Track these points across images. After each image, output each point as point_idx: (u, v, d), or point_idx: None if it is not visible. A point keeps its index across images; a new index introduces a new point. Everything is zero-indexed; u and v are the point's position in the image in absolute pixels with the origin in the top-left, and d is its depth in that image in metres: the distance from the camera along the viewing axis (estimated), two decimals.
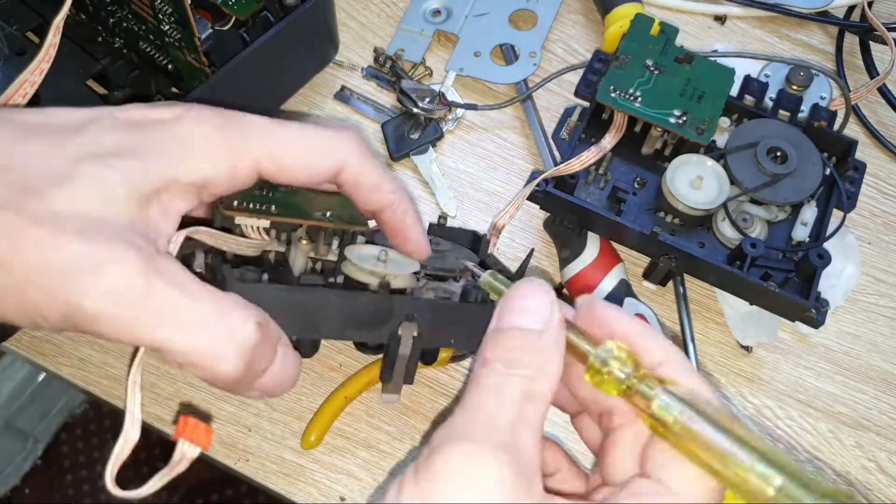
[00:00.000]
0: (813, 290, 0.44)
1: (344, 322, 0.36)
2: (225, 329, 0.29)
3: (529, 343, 0.28)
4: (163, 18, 0.46)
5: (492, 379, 0.27)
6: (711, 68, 0.48)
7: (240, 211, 0.35)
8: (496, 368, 0.27)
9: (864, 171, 0.49)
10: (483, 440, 0.25)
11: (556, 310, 0.29)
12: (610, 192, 0.48)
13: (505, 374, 0.27)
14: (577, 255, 0.49)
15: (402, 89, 0.54)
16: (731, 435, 0.26)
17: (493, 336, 0.29)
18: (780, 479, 0.25)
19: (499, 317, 0.29)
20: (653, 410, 0.27)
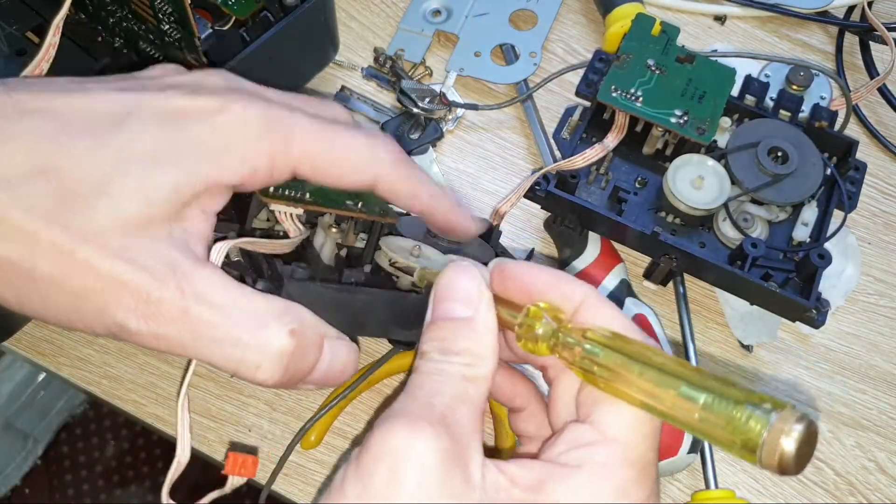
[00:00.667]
0: (813, 291, 0.44)
1: (388, 321, 0.36)
2: (258, 342, 0.30)
3: (462, 332, 0.29)
4: (163, 18, 0.46)
5: (430, 365, 0.29)
6: (712, 68, 0.48)
7: (276, 198, 0.36)
8: (433, 357, 0.29)
9: (864, 172, 0.49)
10: (419, 416, 0.26)
11: (484, 292, 0.30)
12: (611, 191, 0.48)
13: (440, 362, 0.29)
14: (578, 254, 0.49)
15: (402, 89, 0.54)
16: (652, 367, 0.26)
17: (428, 328, 0.30)
18: (704, 396, 0.25)
19: (432, 308, 0.30)
20: (577, 361, 0.28)
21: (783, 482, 0.47)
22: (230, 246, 0.32)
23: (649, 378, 0.26)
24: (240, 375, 0.30)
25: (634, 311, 0.48)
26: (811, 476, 0.47)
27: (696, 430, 0.25)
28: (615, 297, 0.48)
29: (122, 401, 0.48)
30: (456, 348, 0.29)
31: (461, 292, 0.30)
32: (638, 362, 0.27)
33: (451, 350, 0.29)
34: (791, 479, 0.47)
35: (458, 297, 0.30)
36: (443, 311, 0.30)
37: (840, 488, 0.47)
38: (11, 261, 0.29)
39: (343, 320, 0.33)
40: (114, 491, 1.16)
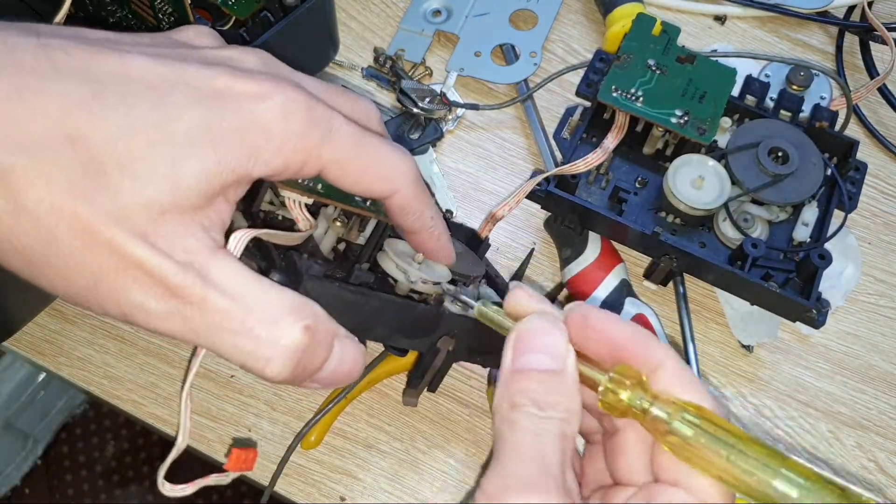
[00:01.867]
0: (814, 291, 0.44)
1: (394, 328, 0.37)
2: (272, 335, 0.29)
3: (554, 385, 0.29)
4: (163, 18, 0.46)
5: (530, 422, 0.28)
6: (713, 68, 0.48)
7: (290, 186, 0.35)
8: (531, 412, 0.28)
9: (865, 172, 0.49)
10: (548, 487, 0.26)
11: (570, 347, 0.29)
12: (611, 191, 0.48)
13: (540, 418, 0.28)
14: (578, 254, 0.49)
15: (402, 89, 0.54)
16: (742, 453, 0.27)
17: (515, 377, 0.29)
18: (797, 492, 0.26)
19: (514, 356, 0.30)
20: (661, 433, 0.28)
21: None
22: (250, 237, 0.32)
23: (740, 464, 0.27)
24: (248, 368, 0.30)
25: (634, 312, 0.48)
26: None
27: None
28: (615, 296, 0.48)
29: (122, 401, 0.48)
30: (551, 402, 0.28)
31: (549, 343, 0.30)
32: (728, 446, 0.27)
33: (547, 404, 0.28)
34: None
35: (546, 349, 0.29)
36: (529, 361, 0.29)
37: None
38: (30, 233, 0.27)
39: (352, 322, 0.33)
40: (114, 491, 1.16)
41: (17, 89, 0.27)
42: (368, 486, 0.46)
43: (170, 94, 0.29)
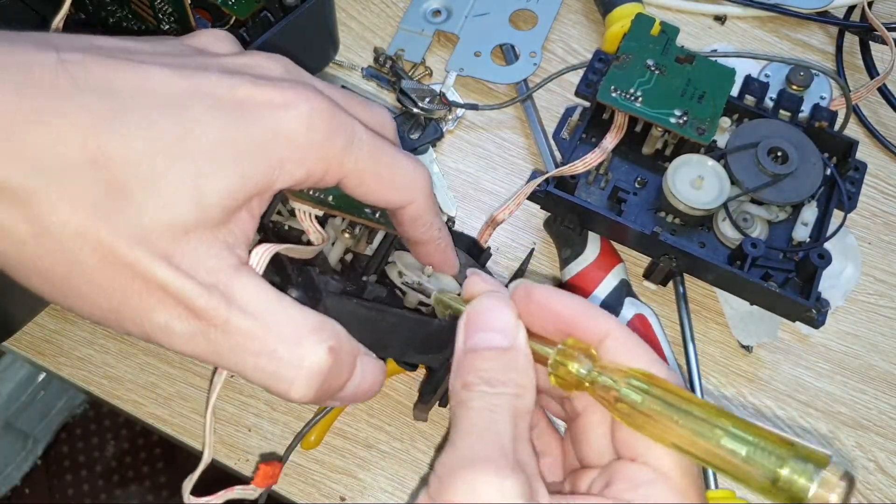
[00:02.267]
0: (813, 291, 0.44)
1: (409, 344, 0.36)
2: (297, 357, 0.29)
3: (505, 362, 0.29)
4: (163, 18, 0.46)
5: (481, 401, 0.28)
6: (712, 68, 0.48)
7: (301, 197, 0.35)
8: (483, 390, 0.28)
9: (864, 172, 0.49)
10: (497, 461, 0.26)
11: (520, 323, 0.30)
12: (611, 191, 0.48)
13: (492, 394, 0.28)
14: (578, 254, 0.49)
15: (402, 89, 0.54)
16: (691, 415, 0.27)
17: (468, 357, 0.29)
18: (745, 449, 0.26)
19: (466, 335, 0.30)
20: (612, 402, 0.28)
21: None
22: (272, 253, 0.31)
23: (689, 426, 0.27)
24: (272, 390, 0.30)
25: (634, 311, 0.48)
26: None
27: (734, 479, 0.26)
28: (615, 297, 0.48)
29: (122, 401, 0.48)
30: (502, 378, 0.28)
31: (497, 321, 0.30)
32: (677, 409, 0.27)
33: (497, 381, 0.28)
34: None
35: (495, 327, 0.30)
36: (480, 340, 0.30)
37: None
38: (53, 256, 0.27)
39: (368, 339, 0.33)
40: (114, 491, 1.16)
41: (37, 111, 0.27)
42: (368, 486, 0.46)
43: (191, 106, 0.29)
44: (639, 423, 0.28)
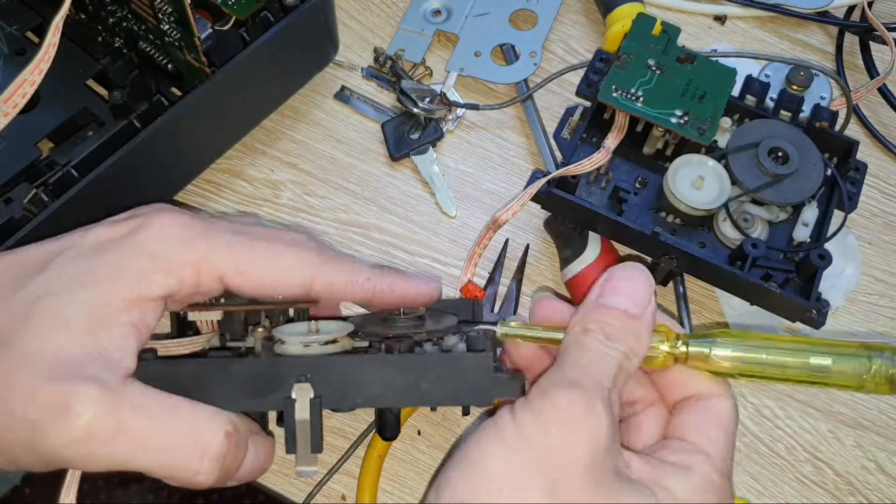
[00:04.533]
0: (814, 291, 0.44)
1: (229, 391, 0.34)
2: (197, 447, 0.31)
3: (629, 325, 0.32)
4: (163, 18, 0.46)
5: (595, 345, 0.31)
6: (713, 68, 0.48)
7: (190, 307, 0.36)
8: (599, 339, 0.31)
9: (865, 172, 0.49)
10: (595, 392, 0.29)
11: (653, 299, 0.33)
12: (611, 191, 0.48)
13: (606, 345, 0.31)
14: (578, 254, 0.49)
15: (402, 89, 0.54)
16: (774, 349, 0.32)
17: (595, 309, 0.32)
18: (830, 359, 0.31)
19: (601, 292, 0.33)
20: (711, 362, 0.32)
21: (783, 482, 0.47)
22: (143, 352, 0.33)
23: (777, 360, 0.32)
24: (175, 479, 0.31)
25: None
26: (811, 476, 0.47)
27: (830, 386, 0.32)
28: None
29: None
30: (620, 337, 0.31)
31: (636, 290, 0.32)
32: (761, 349, 0.32)
33: (615, 337, 0.31)
34: (791, 479, 0.47)
35: (632, 293, 0.32)
36: (612, 300, 0.32)
37: (840, 488, 0.47)
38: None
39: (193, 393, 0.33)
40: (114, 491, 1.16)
41: None
42: None
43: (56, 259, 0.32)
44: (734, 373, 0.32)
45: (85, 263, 0.32)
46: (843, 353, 0.31)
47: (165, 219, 0.33)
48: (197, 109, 0.48)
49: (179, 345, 0.36)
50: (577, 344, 0.31)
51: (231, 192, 0.53)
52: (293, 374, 0.34)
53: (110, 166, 0.44)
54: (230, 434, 0.32)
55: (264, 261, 0.34)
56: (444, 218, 0.53)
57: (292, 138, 0.55)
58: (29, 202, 0.45)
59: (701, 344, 0.32)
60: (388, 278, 0.36)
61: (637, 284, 0.33)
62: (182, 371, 0.33)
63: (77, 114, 0.49)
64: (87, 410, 0.29)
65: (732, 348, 0.32)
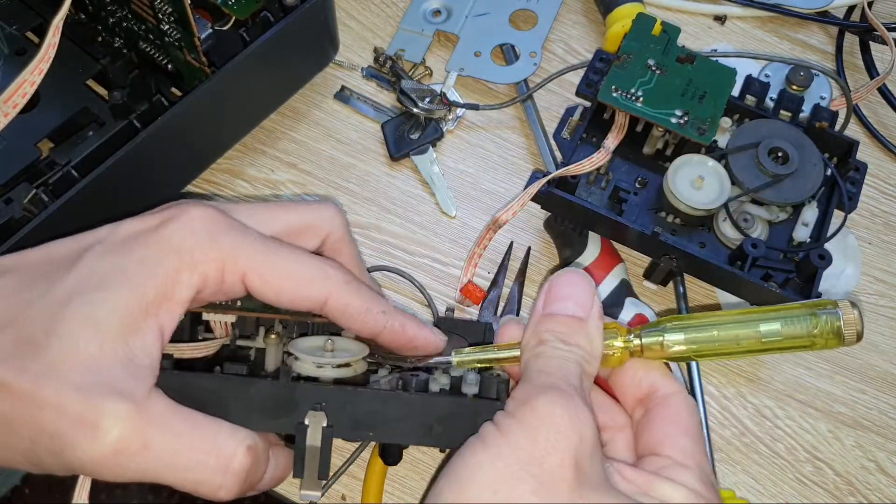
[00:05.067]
0: (814, 291, 0.44)
1: (246, 409, 0.34)
2: (220, 463, 0.31)
3: (578, 328, 0.32)
4: (163, 18, 0.46)
5: (555, 352, 0.31)
6: (713, 68, 0.48)
7: (206, 308, 0.36)
8: (557, 345, 0.32)
9: (865, 172, 0.49)
10: (571, 391, 0.30)
11: (597, 301, 0.33)
12: (611, 191, 0.48)
13: (564, 349, 0.31)
14: (578, 254, 0.49)
15: (402, 89, 0.54)
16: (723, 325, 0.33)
17: (544, 319, 0.33)
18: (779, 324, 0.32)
19: (545, 302, 0.33)
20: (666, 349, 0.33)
21: (783, 482, 0.47)
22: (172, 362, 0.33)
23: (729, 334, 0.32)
24: (199, 494, 0.31)
25: (634, 311, 0.48)
26: (811, 476, 0.47)
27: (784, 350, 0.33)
28: (615, 297, 0.48)
29: None
30: (574, 341, 0.32)
31: (578, 294, 0.33)
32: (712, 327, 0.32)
33: (570, 342, 0.32)
34: (791, 479, 0.47)
35: (575, 298, 0.33)
36: (559, 307, 0.33)
37: (840, 488, 0.47)
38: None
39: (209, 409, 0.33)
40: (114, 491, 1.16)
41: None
42: None
43: (85, 254, 0.32)
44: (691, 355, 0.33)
45: (114, 261, 0.32)
46: (790, 315, 0.32)
47: (193, 213, 0.33)
48: (197, 109, 0.48)
49: (195, 349, 0.36)
50: (536, 356, 0.32)
51: (231, 192, 0.53)
52: (309, 401, 0.34)
53: (110, 166, 0.44)
54: (251, 448, 0.32)
55: (287, 265, 0.34)
56: (444, 218, 0.53)
57: (292, 138, 0.55)
58: (29, 202, 0.45)
59: (653, 333, 0.33)
60: (402, 318, 0.36)
61: (578, 289, 0.33)
62: (201, 385, 0.33)
63: (77, 114, 0.49)
64: (116, 427, 0.29)
65: (684, 332, 0.33)
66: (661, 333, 0.33)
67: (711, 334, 0.32)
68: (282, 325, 0.38)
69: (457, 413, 0.34)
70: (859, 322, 0.32)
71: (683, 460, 0.31)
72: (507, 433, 0.29)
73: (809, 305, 0.32)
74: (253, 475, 0.32)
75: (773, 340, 0.32)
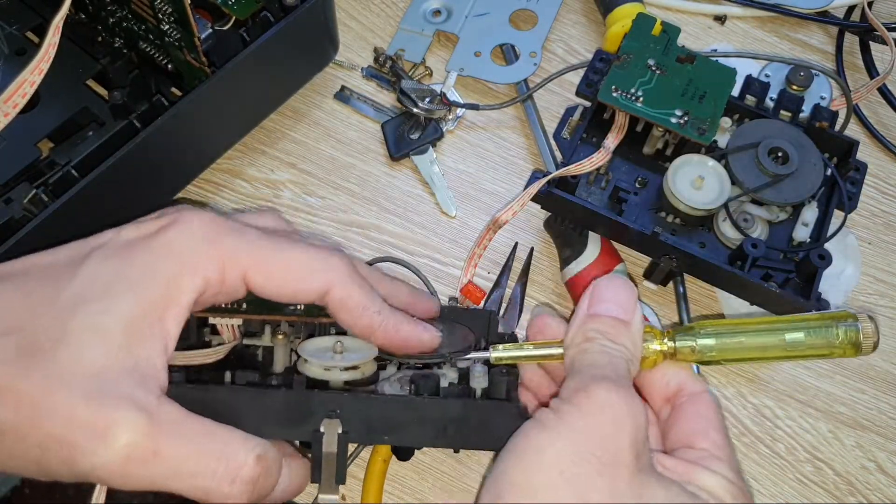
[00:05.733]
0: (814, 291, 0.44)
1: (261, 419, 0.34)
2: (229, 472, 0.31)
3: (624, 329, 0.33)
4: (163, 18, 0.46)
5: (603, 348, 0.33)
6: (713, 68, 0.48)
7: (211, 312, 0.36)
8: (603, 342, 0.33)
9: (865, 172, 0.49)
10: (625, 383, 0.31)
11: (639, 306, 0.34)
12: (611, 191, 0.48)
13: (613, 347, 0.33)
14: (578, 254, 0.49)
15: (402, 89, 0.54)
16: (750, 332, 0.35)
17: (589, 319, 0.34)
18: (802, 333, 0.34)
19: (590, 304, 0.34)
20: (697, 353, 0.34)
21: (783, 482, 0.47)
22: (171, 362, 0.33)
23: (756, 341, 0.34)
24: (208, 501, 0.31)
25: None
26: (811, 476, 0.47)
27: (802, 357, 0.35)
28: None
29: None
30: (620, 341, 0.33)
31: (623, 299, 0.34)
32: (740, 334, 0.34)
33: (615, 341, 0.33)
34: (791, 479, 0.47)
35: (618, 302, 0.34)
36: (604, 309, 0.34)
37: (840, 488, 0.47)
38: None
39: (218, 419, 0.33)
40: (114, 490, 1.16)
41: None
42: None
43: (88, 259, 0.32)
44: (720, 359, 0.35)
45: (117, 266, 0.32)
46: (813, 326, 0.34)
47: (193, 217, 0.33)
48: (197, 109, 0.48)
49: (205, 356, 0.36)
50: (584, 351, 0.33)
51: (231, 192, 0.53)
52: (324, 409, 0.34)
53: (110, 166, 0.44)
54: (261, 458, 0.32)
55: (289, 256, 0.34)
56: (444, 218, 0.53)
57: (292, 138, 0.55)
58: (29, 202, 0.45)
59: (686, 337, 0.34)
60: (397, 317, 0.36)
61: (622, 294, 0.34)
62: (214, 397, 0.34)
63: (77, 114, 0.49)
64: (125, 435, 0.29)
65: (715, 337, 0.34)
66: (693, 339, 0.34)
67: (740, 341, 0.34)
68: (289, 325, 0.38)
69: (469, 415, 0.35)
70: (876, 334, 0.34)
71: (717, 452, 0.33)
72: (567, 416, 0.30)
73: (830, 317, 0.34)
74: (263, 485, 0.32)
75: (795, 349, 0.34)
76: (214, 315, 0.36)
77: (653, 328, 0.35)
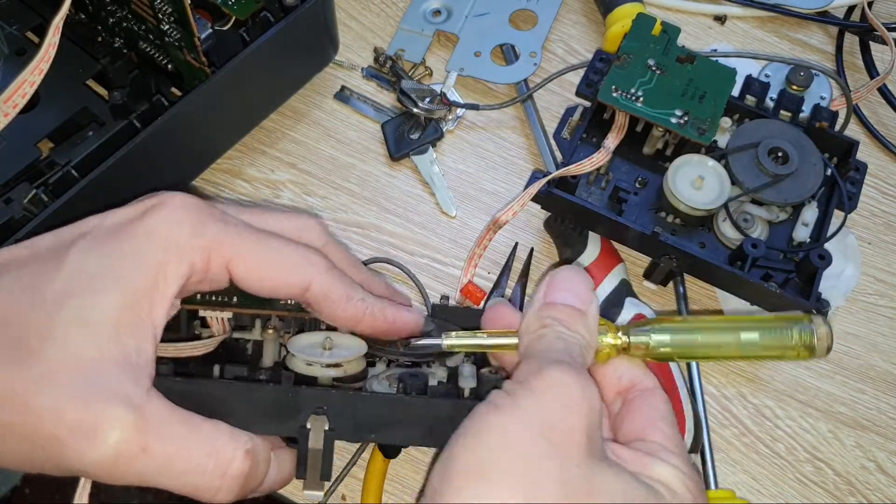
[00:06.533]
0: (814, 291, 0.44)
1: (249, 414, 0.34)
2: (218, 467, 0.31)
3: (579, 318, 0.33)
4: (163, 18, 0.46)
5: (557, 333, 0.32)
6: (713, 68, 0.48)
7: (202, 304, 0.36)
8: (560, 329, 0.32)
9: (865, 172, 0.49)
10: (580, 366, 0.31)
11: (595, 296, 0.34)
12: (611, 191, 0.48)
13: (569, 334, 0.32)
14: (578, 254, 0.49)
15: (402, 89, 0.54)
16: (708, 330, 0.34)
17: (546, 307, 0.33)
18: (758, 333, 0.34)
19: (547, 293, 0.34)
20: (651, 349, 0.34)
21: (783, 482, 0.47)
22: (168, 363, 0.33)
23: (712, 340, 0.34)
24: (197, 498, 0.31)
25: (634, 311, 0.48)
26: (811, 476, 0.47)
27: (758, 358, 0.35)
28: (615, 297, 0.48)
29: None
30: (575, 329, 0.33)
31: (579, 289, 0.34)
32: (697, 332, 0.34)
33: (571, 328, 0.32)
34: (791, 479, 0.47)
35: (575, 291, 0.34)
36: (561, 297, 0.33)
37: (840, 488, 0.47)
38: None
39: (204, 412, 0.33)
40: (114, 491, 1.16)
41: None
42: None
43: (72, 247, 0.32)
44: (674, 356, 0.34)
45: (101, 255, 0.31)
46: (769, 327, 0.34)
47: (177, 202, 0.33)
48: (197, 109, 0.48)
49: (193, 348, 0.36)
50: (540, 337, 0.32)
51: (231, 192, 0.53)
52: (311, 405, 0.34)
53: (110, 166, 0.44)
54: (249, 452, 0.32)
55: (271, 251, 0.34)
56: (444, 218, 0.53)
57: (292, 138, 0.55)
58: (29, 202, 0.45)
59: (641, 333, 0.34)
60: (381, 304, 0.36)
61: (578, 284, 0.34)
62: (202, 391, 0.33)
63: (77, 114, 0.49)
64: (115, 433, 0.29)
65: (670, 334, 0.34)
66: (648, 334, 0.34)
67: (695, 338, 0.34)
68: (280, 320, 0.39)
69: (457, 415, 0.34)
70: (829, 337, 0.34)
71: (670, 445, 0.32)
72: (519, 398, 0.29)
73: (786, 319, 0.34)
74: (252, 478, 0.32)
75: (751, 349, 0.34)
76: (205, 308, 0.36)
77: (607, 322, 0.35)
